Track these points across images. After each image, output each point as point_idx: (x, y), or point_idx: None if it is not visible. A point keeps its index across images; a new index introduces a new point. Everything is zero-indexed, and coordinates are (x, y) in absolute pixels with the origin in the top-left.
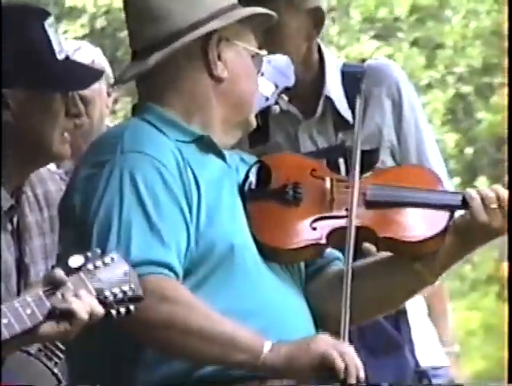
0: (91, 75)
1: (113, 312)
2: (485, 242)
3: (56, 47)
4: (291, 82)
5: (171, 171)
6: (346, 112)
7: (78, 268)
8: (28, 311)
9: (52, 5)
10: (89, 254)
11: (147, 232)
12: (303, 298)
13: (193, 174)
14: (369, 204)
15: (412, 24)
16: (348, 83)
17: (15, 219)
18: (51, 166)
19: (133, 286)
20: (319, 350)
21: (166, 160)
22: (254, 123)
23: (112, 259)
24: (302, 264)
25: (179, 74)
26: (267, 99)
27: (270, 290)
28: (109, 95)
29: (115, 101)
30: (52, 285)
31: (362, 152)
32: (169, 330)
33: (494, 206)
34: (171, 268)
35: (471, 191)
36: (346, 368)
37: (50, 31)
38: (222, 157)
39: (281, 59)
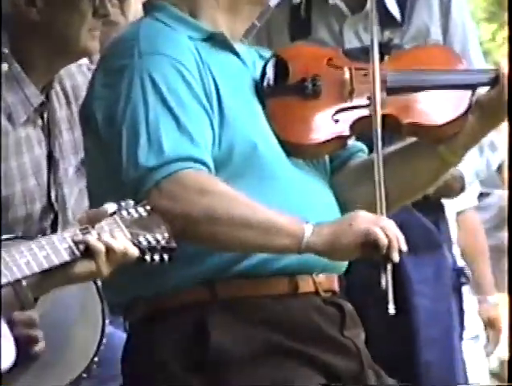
0: None
1: (147, 257)
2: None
3: None
4: None
5: (190, 71)
6: (394, 9)
7: (113, 213)
8: (65, 246)
9: None
10: (123, 203)
11: (176, 131)
12: (330, 190)
13: (211, 73)
14: (391, 91)
15: None
16: None
17: (45, 115)
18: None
19: (166, 235)
20: (361, 227)
21: (185, 59)
22: None
23: (145, 209)
24: (326, 158)
25: None
26: None
27: (296, 186)
28: None
29: None
30: (89, 224)
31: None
32: (212, 222)
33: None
34: (204, 164)
35: (501, 68)
36: (389, 242)
37: None
38: (236, 54)
39: None
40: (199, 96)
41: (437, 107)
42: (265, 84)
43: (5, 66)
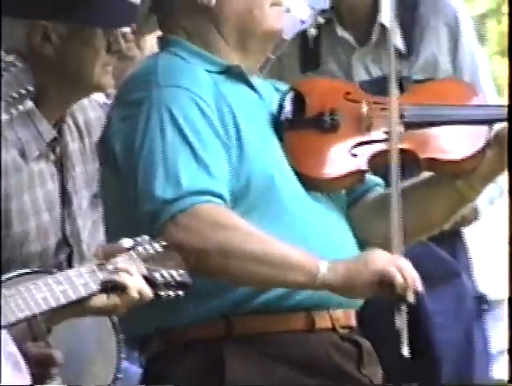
0: (133, 12)
1: (162, 293)
2: None
3: None
4: (326, 4)
5: (208, 103)
6: (398, 41)
7: (129, 249)
8: (82, 281)
9: None
10: (139, 238)
11: (194, 165)
12: (347, 225)
13: (228, 105)
14: (408, 125)
15: None
16: (403, 10)
17: (58, 149)
18: (101, 98)
19: (181, 272)
20: (377, 266)
21: (202, 92)
22: (275, 30)
23: (161, 245)
24: (344, 191)
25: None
26: (303, 22)
27: (313, 219)
28: None
29: None
30: (105, 259)
31: (414, 81)
32: (225, 256)
33: None
34: (221, 197)
35: None
36: (405, 283)
37: None
38: (252, 87)
39: None
40: (217, 130)
41: (455, 142)
42: (282, 117)
43: (30, 103)
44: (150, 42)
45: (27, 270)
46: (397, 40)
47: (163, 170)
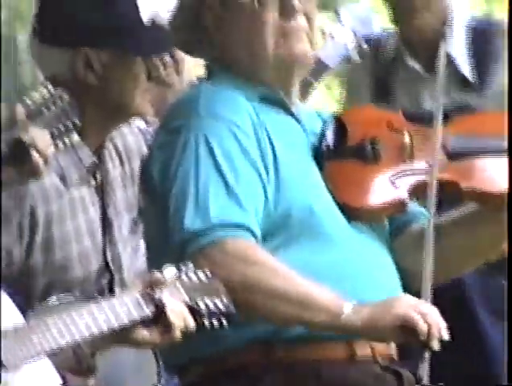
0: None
1: (206, 323)
2: None
3: (143, 14)
4: (371, 30)
5: (247, 133)
6: (466, 70)
7: (172, 278)
8: (125, 310)
9: None
10: (183, 267)
11: (225, 196)
12: (389, 255)
13: (268, 133)
14: (451, 155)
15: None
16: (478, 40)
17: (98, 175)
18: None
19: (225, 301)
20: (400, 311)
21: (241, 122)
22: (301, 56)
23: (205, 274)
24: (386, 222)
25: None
26: (347, 50)
27: (353, 250)
28: None
29: None
30: (148, 288)
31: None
32: (250, 291)
33: None
34: (250, 231)
35: None
36: (429, 330)
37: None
38: (292, 114)
39: (362, 7)
40: (254, 161)
41: (497, 173)
42: (323, 146)
43: (76, 137)
44: (189, 68)
45: (69, 295)
46: (464, 68)
47: (193, 201)
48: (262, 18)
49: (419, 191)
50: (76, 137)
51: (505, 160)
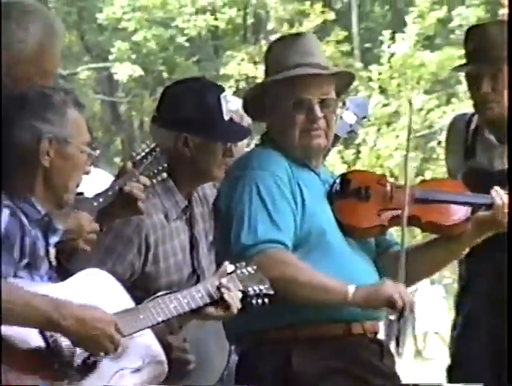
0: (243, 131)
1: (253, 302)
2: (494, 231)
3: (224, 112)
4: (367, 112)
5: (284, 181)
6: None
7: (231, 272)
8: (199, 295)
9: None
10: (238, 264)
11: (268, 221)
12: (371, 261)
13: (298, 183)
14: (417, 201)
15: None
16: None
17: (188, 213)
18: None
19: (267, 286)
20: (387, 293)
21: (280, 173)
22: (317, 147)
23: (253, 268)
24: (373, 246)
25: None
26: (351, 126)
27: (349, 258)
28: None
29: None
30: (217, 279)
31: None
32: (287, 283)
33: (506, 210)
34: (284, 245)
35: (496, 197)
36: (404, 304)
37: (222, 101)
38: (314, 172)
39: (360, 97)
40: (288, 199)
41: (448, 213)
42: (333, 190)
43: (164, 175)
44: (243, 145)
45: (168, 291)
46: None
47: (247, 225)
48: (294, 120)
49: (395, 221)
50: (171, 182)
51: (452, 206)
